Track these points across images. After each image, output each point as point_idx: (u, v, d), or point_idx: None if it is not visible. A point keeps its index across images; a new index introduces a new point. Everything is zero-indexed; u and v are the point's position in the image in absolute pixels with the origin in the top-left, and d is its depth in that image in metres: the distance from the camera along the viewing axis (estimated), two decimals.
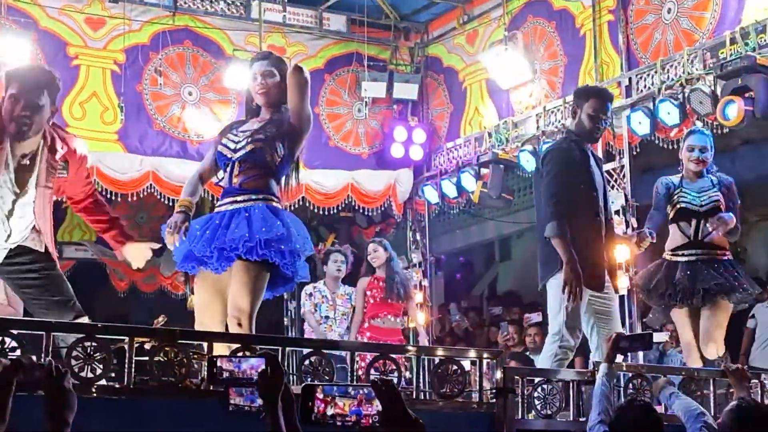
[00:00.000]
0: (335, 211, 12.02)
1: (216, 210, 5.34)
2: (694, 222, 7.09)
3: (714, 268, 6.99)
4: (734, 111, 8.47)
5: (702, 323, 7.00)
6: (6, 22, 10.09)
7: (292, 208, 11.78)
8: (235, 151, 5.31)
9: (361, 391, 2.93)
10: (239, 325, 5.13)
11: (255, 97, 5.45)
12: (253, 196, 5.26)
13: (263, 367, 3.02)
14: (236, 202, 5.26)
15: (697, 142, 7.11)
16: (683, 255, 7.10)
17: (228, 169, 5.32)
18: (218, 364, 3.10)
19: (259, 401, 3.05)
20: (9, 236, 5.27)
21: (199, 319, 5.43)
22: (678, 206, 7.13)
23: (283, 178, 5.53)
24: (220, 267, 5.21)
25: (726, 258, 7.11)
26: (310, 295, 9.50)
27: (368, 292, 9.47)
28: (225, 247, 5.11)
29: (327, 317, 9.44)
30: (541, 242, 6.32)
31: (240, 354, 4.61)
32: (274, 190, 5.37)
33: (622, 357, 5.83)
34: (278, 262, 5.16)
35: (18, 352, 4.42)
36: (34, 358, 4.42)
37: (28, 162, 5.27)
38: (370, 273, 9.59)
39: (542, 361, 6.35)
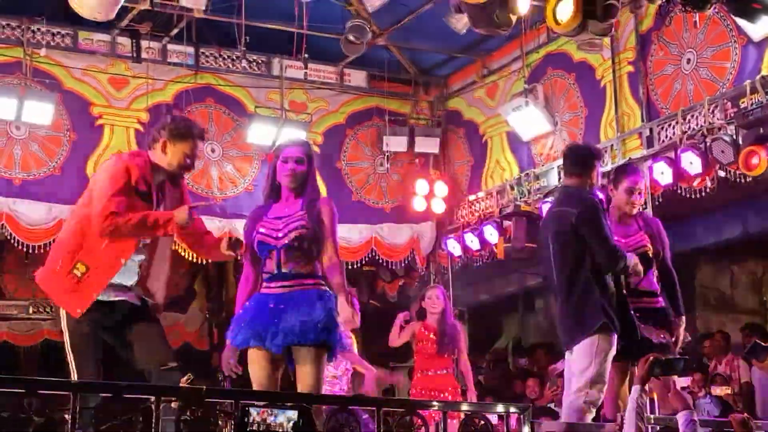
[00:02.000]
0: (359, 264, 12.02)
1: (264, 291, 5.47)
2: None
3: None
4: (758, 160, 8.44)
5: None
6: (31, 83, 10.21)
7: None
8: (278, 239, 5.45)
9: None
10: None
11: (282, 178, 5.57)
12: (305, 282, 5.45)
13: (296, 420, 3.02)
14: (287, 287, 5.43)
15: (636, 183, 6.76)
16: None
17: (274, 257, 5.45)
18: (251, 416, 3.09)
19: None
20: None
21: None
22: None
23: None
24: (278, 348, 5.33)
25: (660, 306, 6.78)
26: None
27: (419, 343, 9.35)
28: (287, 332, 5.29)
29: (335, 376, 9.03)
30: (570, 303, 6.25)
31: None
32: (320, 273, 5.52)
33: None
34: (333, 342, 5.37)
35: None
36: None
37: None
38: (421, 317, 9.48)
39: (566, 415, 6.27)
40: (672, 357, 5.86)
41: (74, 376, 5.35)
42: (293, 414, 3.10)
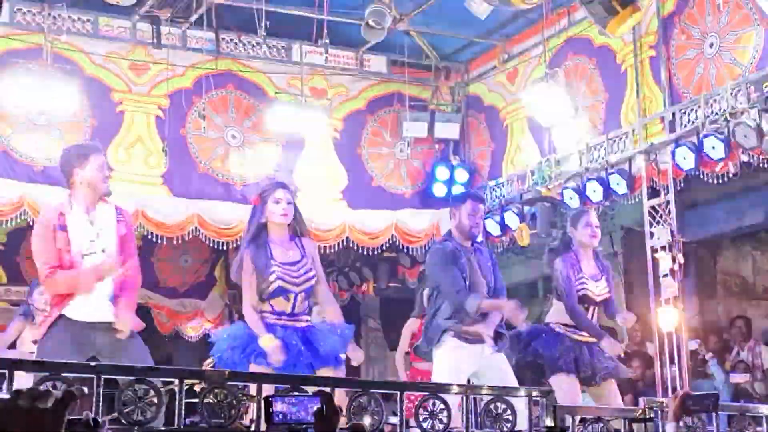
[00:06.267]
0: (379, 251, 12.01)
1: (273, 323, 6.17)
2: (591, 309, 7.56)
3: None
4: None
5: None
6: (52, 69, 10.22)
7: (336, 248, 11.86)
8: (297, 285, 6.23)
9: None
10: None
11: (276, 218, 6.25)
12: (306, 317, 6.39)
13: (318, 406, 3.02)
14: (299, 320, 6.25)
15: (593, 220, 7.76)
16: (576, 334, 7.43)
17: (291, 300, 6.24)
18: (273, 404, 3.09)
19: None
20: None
21: None
22: (580, 293, 7.49)
23: None
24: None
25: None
26: None
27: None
28: (312, 362, 6.07)
29: None
30: None
31: (296, 393, 4.62)
32: None
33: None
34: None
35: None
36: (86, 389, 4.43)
37: None
38: (420, 313, 9.51)
39: None
40: (703, 393, 5.83)
41: None
42: (315, 401, 3.08)
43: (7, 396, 2.03)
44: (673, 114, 9.71)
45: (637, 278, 11.03)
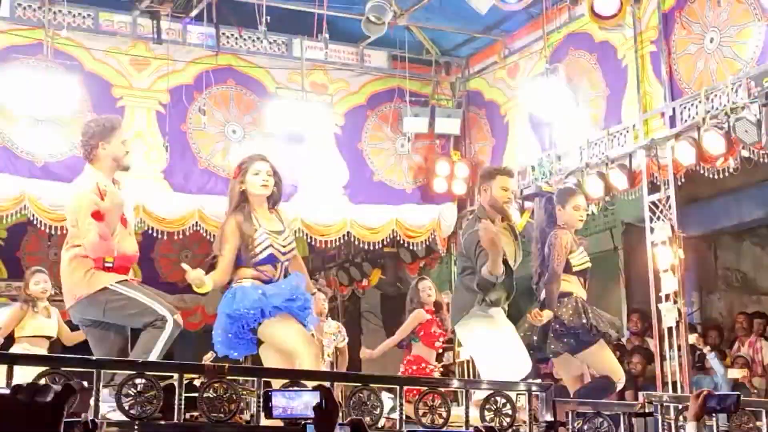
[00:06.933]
0: (379, 246, 12.01)
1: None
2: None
3: None
4: None
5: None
6: (53, 65, 10.22)
7: (337, 243, 11.87)
8: (283, 254, 6.24)
9: None
10: None
11: (257, 189, 6.25)
12: None
13: (318, 400, 3.02)
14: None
15: (583, 202, 8.01)
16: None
17: (279, 269, 6.24)
18: (272, 398, 3.09)
19: None
20: None
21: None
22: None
23: None
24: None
25: None
26: None
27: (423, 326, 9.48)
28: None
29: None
30: None
31: (295, 388, 4.62)
32: None
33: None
34: None
35: None
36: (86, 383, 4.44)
37: None
38: (414, 306, 9.58)
39: None
40: (724, 393, 5.82)
41: None
42: (314, 395, 3.08)
43: (7, 391, 2.04)
44: (674, 109, 9.70)
45: (638, 273, 11.03)
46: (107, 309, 5.80)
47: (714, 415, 5.64)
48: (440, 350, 10.11)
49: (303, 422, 3.11)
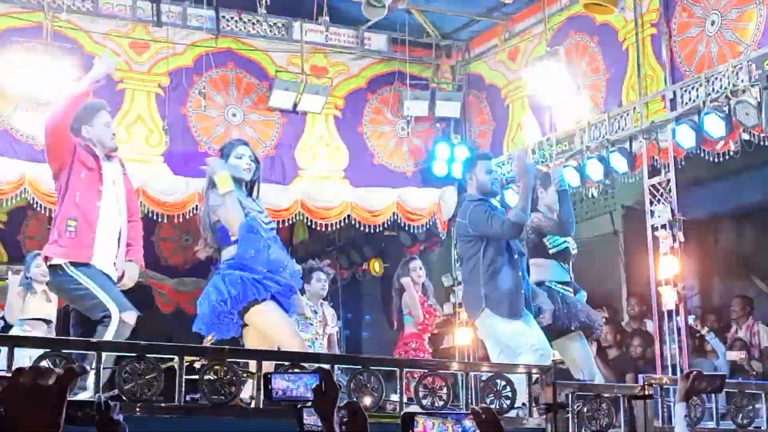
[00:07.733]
0: (380, 229, 12.01)
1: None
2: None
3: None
4: None
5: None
6: (52, 47, 10.19)
7: (339, 226, 11.88)
8: (267, 231, 6.39)
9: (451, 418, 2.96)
10: None
11: (239, 172, 6.49)
12: None
13: (317, 383, 3.02)
14: None
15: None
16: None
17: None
18: (272, 381, 3.09)
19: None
20: None
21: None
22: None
23: None
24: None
25: None
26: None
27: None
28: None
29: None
30: None
31: (294, 370, 4.63)
32: None
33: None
34: None
35: None
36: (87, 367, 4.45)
37: None
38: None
39: None
40: (712, 373, 5.84)
41: None
42: (314, 378, 3.09)
43: (9, 374, 2.04)
44: (674, 92, 9.69)
45: (638, 257, 11.04)
46: (74, 297, 5.86)
47: (706, 395, 5.65)
48: (435, 331, 10.25)
49: (300, 405, 3.11)
